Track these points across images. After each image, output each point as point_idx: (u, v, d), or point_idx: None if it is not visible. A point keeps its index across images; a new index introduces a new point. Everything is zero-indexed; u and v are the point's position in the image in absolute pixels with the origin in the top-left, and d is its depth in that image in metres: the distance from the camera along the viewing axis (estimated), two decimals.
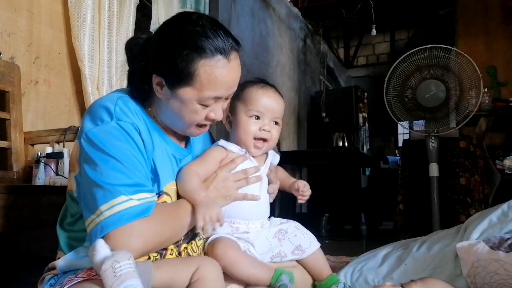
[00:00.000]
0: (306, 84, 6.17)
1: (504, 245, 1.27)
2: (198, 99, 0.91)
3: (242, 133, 1.05)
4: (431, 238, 1.57)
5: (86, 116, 0.91)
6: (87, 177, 0.84)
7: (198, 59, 0.88)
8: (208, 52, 0.88)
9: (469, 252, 1.32)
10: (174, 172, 0.99)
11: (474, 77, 2.59)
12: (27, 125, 2.03)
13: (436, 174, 2.74)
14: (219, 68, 0.89)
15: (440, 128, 2.73)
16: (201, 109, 0.92)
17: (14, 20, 2.00)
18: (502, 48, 4.67)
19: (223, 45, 0.89)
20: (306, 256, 1.11)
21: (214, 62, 0.88)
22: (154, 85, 0.93)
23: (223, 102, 0.96)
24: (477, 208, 2.93)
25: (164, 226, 0.87)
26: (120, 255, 0.74)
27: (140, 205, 0.83)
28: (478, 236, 1.43)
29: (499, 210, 1.47)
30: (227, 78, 0.91)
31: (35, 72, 2.10)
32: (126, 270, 0.72)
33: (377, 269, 1.52)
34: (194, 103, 0.91)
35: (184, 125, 0.96)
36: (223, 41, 0.89)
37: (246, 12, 4.32)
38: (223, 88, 0.91)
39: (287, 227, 1.13)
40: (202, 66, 0.88)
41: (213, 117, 0.95)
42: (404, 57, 2.71)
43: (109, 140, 0.85)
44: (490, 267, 1.24)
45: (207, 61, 0.88)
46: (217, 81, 0.89)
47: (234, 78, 0.93)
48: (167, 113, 0.96)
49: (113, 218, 0.80)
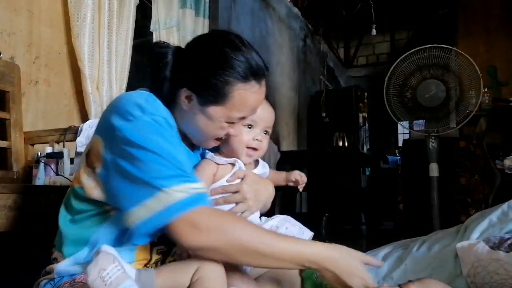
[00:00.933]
0: (306, 84, 6.17)
1: (504, 245, 1.26)
2: (227, 119, 0.95)
3: (235, 142, 1.04)
4: (431, 238, 1.57)
5: (113, 112, 0.89)
6: (127, 172, 0.83)
7: (235, 82, 0.92)
8: (246, 77, 0.92)
9: (469, 252, 1.32)
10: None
11: (474, 77, 2.59)
12: (27, 125, 2.02)
13: (436, 174, 2.74)
14: (253, 93, 0.94)
15: (440, 128, 2.73)
16: (226, 126, 0.97)
17: (14, 20, 2.00)
18: (502, 48, 4.67)
19: (258, 71, 0.94)
20: None
21: (249, 87, 0.93)
22: (182, 97, 0.95)
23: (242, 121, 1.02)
24: (477, 208, 2.93)
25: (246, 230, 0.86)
26: (103, 261, 0.71)
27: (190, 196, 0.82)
28: (478, 236, 1.42)
29: (499, 210, 1.47)
30: (257, 102, 0.97)
31: (35, 72, 2.10)
32: (115, 275, 0.70)
33: (377, 269, 1.52)
34: (222, 121, 0.96)
35: (205, 138, 1.00)
36: (259, 67, 0.95)
37: (246, 12, 4.32)
38: (251, 110, 0.98)
39: (277, 223, 1.13)
40: (237, 89, 0.92)
41: (233, 133, 1.00)
42: (404, 57, 2.71)
43: (145, 134, 0.84)
44: (490, 267, 1.24)
45: (242, 85, 0.92)
46: (248, 105, 0.95)
47: (262, 101, 1.00)
48: (189, 125, 0.98)
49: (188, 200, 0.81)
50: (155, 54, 0.99)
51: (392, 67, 2.74)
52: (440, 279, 1.36)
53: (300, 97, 5.94)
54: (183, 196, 0.80)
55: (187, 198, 0.81)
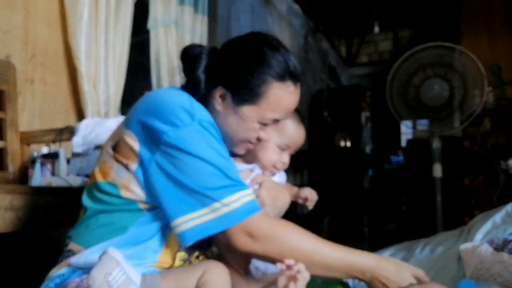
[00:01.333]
0: (307, 82, 6.15)
1: (508, 247, 1.25)
2: (260, 119, 0.95)
3: (265, 160, 1.08)
4: (434, 240, 1.56)
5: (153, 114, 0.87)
6: (176, 179, 0.84)
7: (271, 81, 0.92)
8: (282, 76, 0.93)
9: (473, 254, 1.31)
10: None
11: (478, 76, 2.57)
12: (23, 125, 2.01)
13: (440, 175, 2.72)
14: (288, 94, 0.94)
15: (443, 128, 2.70)
16: (258, 128, 0.97)
17: (10, 18, 1.98)
18: (507, 47, 4.63)
19: (295, 72, 0.95)
20: None
21: (285, 87, 0.93)
22: (216, 96, 0.95)
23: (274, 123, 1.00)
24: (481, 209, 2.90)
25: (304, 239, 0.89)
26: (108, 265, 0.71)
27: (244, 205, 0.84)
28: (481, 237, 1.41)
29: (503, 211, 1.45)
30: (291, 104, 0.97)
31: (31, 71, 2.08)
32: (121, 279, 0.70)
33: None
34: (255, 122, 0.95)
35: (236, 141, 0.99)
36: (296, 68, 0.95)
37: (246, 9, 4.29)
38: (285, 112, 0.97)
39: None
40: (273, 88, 0.92)
41: (264, 136, 1.00)
42: (407, 56, 2.69)
43: (196, 142, 0.85)
44: (494, 269, 1.23)
45: (278, 85, 0.92)
46: (283, 105, 0.95)
47: (296, 103, 0.99)
48: (221, 126, 0.95)
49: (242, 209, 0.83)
50: (189, 55, 1.00)
51: (395, 66, 2.72)
52: (444, 281, 1.34)
53: (301, 96, 5.87)
54: (237, 206, 0.83)
55: (241, 207, 0.83)
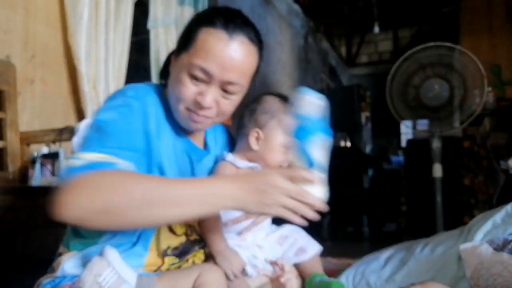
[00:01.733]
0: (307, 82, 6.15)
1: (508, 247, 1.25)
2: (188, 67, 0.86)
3: (273, 161, 1.05)
4: (434, 240, 1.56)
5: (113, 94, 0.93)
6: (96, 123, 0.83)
7: (202, 26, 0.87)
8: (213, 22, 0.87)
9: (473, 254, 1.30)
10: (183, 172, 0.95)
11: (478, 76, 2.56)
12: (23, 125, 2.00)
13: (440, 175, 2.71)
14: (217, 40, 0.85)
15: (443, 128, 2.70)
16: (189, 82, 0.87)
17: (10, 18, 1.98)
18: (506, 47, 4.64)
19: (232, 25, 0.87)
20: (308, 257, 1.09)
21: (214, 32, 0.86)
22: (170, 67, 0.94)
23: (215, 89, 0.88)
24: (481, 209, 2.91)
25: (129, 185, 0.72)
26: (98, 266, 0.70)
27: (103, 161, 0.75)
28: (481, 237, 1.41)
29: (503, 211, 1.45)
30: (222, 54, 0.85)
31: (31, 71, 2.08)
32: (112, 279, 0.69)
33: (380, 271, 1.51)
34: (185, 72, 0.87)
35: (177, 106, 0.90)
36: (235, 23, 0.88)
37: (246, 9, 4.29)
38: (215, 63, 0.85)
39: (287, 232, 1.12)
40: (203, 32, 0.87)
41: (200, 100, 0.87)
42: (407, 56, 2.68)
43: (107, 110, 0.85)
44: (494, 269, 1.23)
45: (208, 29, 0.86)
46: (210, 52, 0.85)
47: (231, 59, 0.86)
48: (170, 94, 0.93)
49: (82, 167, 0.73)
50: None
51: (395, 66, 2.71)
52: (443, 281, 1.34)
53: None
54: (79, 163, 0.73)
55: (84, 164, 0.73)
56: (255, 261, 1.04)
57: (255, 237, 1.06)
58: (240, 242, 1.04)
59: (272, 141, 1.05)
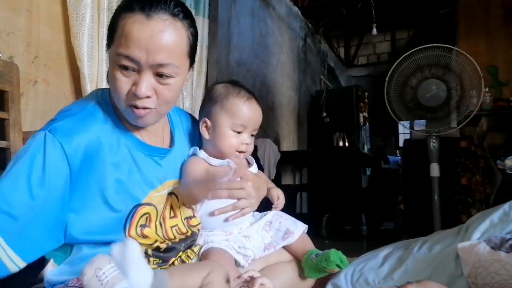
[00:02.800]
0: (306, 83, 6.17)
1: (505, 246, 1.26)
2: (114, 57, 0.83)
3: (225, 147, 1.03)
4: (432, 239, 1.57)
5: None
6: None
7: (120, 14, 0.84)
8: (129, 7, 0.82)
9: (470, 253, 1.32)
10: (156, 177, 0.94)
11: (475, 77, 2.58)
12: (26, 125, 2.01)
13: (437, 174, 2.73)
14: (136, 24, 0.80)
15: (441, 128, 2.72)
16: (119, 74, 0.83)
17: (13, 20, 1.99)
18: (503, 48, 4.66)
19: (149, 4, 0.82)
20: (296, 238, 1.11)
21: (131, 15, 0.81)
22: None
23: (148, 76, 0.83)
24: (478, 208, 2.92)
25: None
26: (100, 261, 0.70)
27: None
28: (479, 236, 1.42)
29: (500, 210, 1.46)
30: (142, 36, 0.80)
31: (34, 72, 2.09)
32: (111, 274, 0.69)
33: (378, 269, 1.52)
34: (113, 64, 0.83)
35: (119, 102, 0.87)
36: (152, 2, 0.82)
37: (246, 12, 4.31)
38: (136, 48, 0.80)
39: (270, 218, 1.14)
40: (121, 19, 0.82)
41: (134, 90, 0.82)
42: (404, 57, 2.70)
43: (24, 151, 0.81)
44: (491, 268, 1.24)
45: (125, 14, 0.82)
46: (132, 37, 0.80)
47: (153, 39, 0.81)
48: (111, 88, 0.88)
49: None
50: None
51: (393, 67, 2.73)
52: (441, 279, 1.36)
53: (300, 97, 5.93)
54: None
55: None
56: (244, 251, 1.06)
57: (240, 228, 1.07)
58: (227, 237, 1.06)
59: (219, 126, 1.03)
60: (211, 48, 3.52)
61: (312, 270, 1.10)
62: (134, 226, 0.88)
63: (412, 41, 7.70)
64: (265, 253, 1.11)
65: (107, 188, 0.86)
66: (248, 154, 1.08)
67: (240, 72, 4.09)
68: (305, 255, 1.13)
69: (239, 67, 4.10)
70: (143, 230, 0.89)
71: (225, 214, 1.02)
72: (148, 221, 0.91)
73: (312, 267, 1.09)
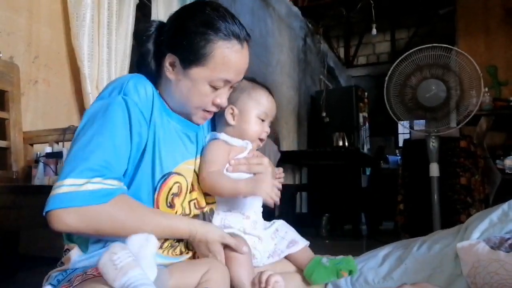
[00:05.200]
0: (306, 83, 6.17)
1: (505, 245, 1.27)
2: (210, 80, 0.93)
3: (251, 131, 1.09)
4: (432, 238, 1.57)
5: (104, 89, 0.93)
6: (77, 138, 0.86)
7: (216, 40, 0.91)
8: (226, 35, 0.92)
9: (470, 252, 1.32)
10: (189, 151, 1.01)
11: (475, 77, 2.58)
12: (27, 125, 2.02)
13: (437, 174, 2.74)
14: (235, 53, 0.93)
15: (440, 128, 2.72)
16: (210, 91, 0.95)
17: (14, 20, 2.00)
18: (503, 48, 4.66)
19: (239, 32, 0.94)
20: (300, 248, 1.12)
21: (231, 45, 0.92)
22: (166, 64, 0.94)
23: (228, 89, 0.99)
24: (478, 208, 2.93)
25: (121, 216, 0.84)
26: (116, 247, 0.72)
27: (96, 190, 0.81)
28: (478, 236, 1.42)
29: (500, 210, 1.47)
30: (239, 63, 0.95)
31: (35, 72, 2.10)
32: (126, 260, 0.70)
33: (377, 268, 1.52)
34: (205, 84, 0.94)
35: (192, 108, 0.97)
36: (239, 28, 0.94)
37: (246, 11, 4.31)
38: (234, 73, 0.95)
39: (277, 226, 1.16)
40: (219, 47, 0.91)
41: (219, 102, 0.97)
42: (404, 57, 2.70)
43: (108, 113, 0.87)
44: (491, 267, 1.24)
45: (224, 43, 0.91)
46: (231, 64, 0.93)
47: (245, 65, 0.97)
48: (175, 95, 0.96)
49: (68, 196, 0.80)
50: (138, 33, 1.00)
51: (393, 67, 2.73)
52: (440, 279, 1.37)
53: (300, 97, 5.93)
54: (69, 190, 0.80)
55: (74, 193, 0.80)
56: (255, 252, 1.06)
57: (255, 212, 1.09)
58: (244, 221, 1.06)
59: (246, 113, 1.09)
60: None
61: (322, 273, 1.11)
62: (164, 193, 0.93)
63: (411, 41, 7.71)
64: (269, 260, 1.11)
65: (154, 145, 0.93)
66: (264, 142, 1.15)
67: None
68: (310, 262, 1.13)
69: None
70: (174, 199, 0.95)
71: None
72: (179, 191, 0.96)
73: (324, 270, 1.10)
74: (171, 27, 0.96)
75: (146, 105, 0.92)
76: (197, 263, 0.93)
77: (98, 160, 0.82)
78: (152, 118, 0.93)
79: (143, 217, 0.87)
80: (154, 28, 0.98)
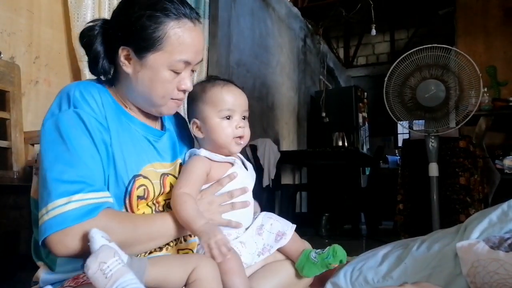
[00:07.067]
0: (306, 84, 6.18)
1: (504, 245, 1.27)
2: (169, 64, 0.90)
3: (221, 137, 1.02)
4: (431, 238, 1.57)
5: (52, 103, 0.89)
6: (42, 165, 0.81)
7: (167, 21, 0.88)
8: (176, 14, 0.89)
9: (469, 252, 1.32)
10: (148, 154, 0.96)
11: (474, 77, 2.59)
12: (27, 125, 2.03)
13: (436, 174, 2.74)
14: (188, 31, 0.90)
15: (440, 128, 2.73)
16: (172, 77, 0.91)
17: (14, 20, 2.00)
18: (502, 48, 4.67)
19: (188, 11, 0.91)
20: (288, 239, 1.10)
21: (182, 24, 0.90)
22: (121, 59, 0.90)
23: (190, 72, 0.95)
24: (477, 207, 2.93)
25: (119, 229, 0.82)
26: (104, 254, 0.70)
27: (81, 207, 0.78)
28: (478, 235, 1.43)
29: (499, 210, 1.47)
30: (195, 42, 0.92)
31: (35, 72, 2.10)
32: (116, 268, 0.69)
33: (377, 268, 1.52)
34: (165, 69, 0.90)
35: (158, 99, 0.93)
36: (185, 7, 0.91)
37: (246, 12, 4.32)
38: (192, 52, 0.92)
39: (261, 221, 1.13)
40: (171, 28, 0.88)
41: (184, 87, 0.94)
42: (403, 57, 2.71)
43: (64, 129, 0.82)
44: (490, 267, 1.24)
45: (175, 23, 0.89)
46: (186, 43, 0.90)
47: (201, 43, 0.95)
48: (138, 90, 0.92)
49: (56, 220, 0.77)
50: (83, 37, 0.94)
51: (392, 67, 2.74)
52: (440, 278, 1.37)
53: (300, 97, 5.94)
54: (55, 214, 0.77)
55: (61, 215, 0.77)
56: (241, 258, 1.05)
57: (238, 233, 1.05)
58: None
59: (208, 119, 1.03)
60: (211, 48, 3.53)
61: (313, 268, 1.10)
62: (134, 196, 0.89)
63: (411, 41, 7.73)
64: (260, 258, 1.10)
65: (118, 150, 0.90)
66: (246, 139, 1.06)
67: (240, 73, 4.10)
68: (299, 256, 1.12)
69: (239, 68, 4.11)
70: (139, 202, 0.91)
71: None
72: (146, 194, 0.92)
73: (313, 265, 1.10)
74: (117, 20, 0.92)
75: (99, 112, 0.88)
76: (182, 258, 0.90)
77: (71, 177, 0.79)
78: (108, 123, 0.89)
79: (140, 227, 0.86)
80: (98, 27, 0.93)
